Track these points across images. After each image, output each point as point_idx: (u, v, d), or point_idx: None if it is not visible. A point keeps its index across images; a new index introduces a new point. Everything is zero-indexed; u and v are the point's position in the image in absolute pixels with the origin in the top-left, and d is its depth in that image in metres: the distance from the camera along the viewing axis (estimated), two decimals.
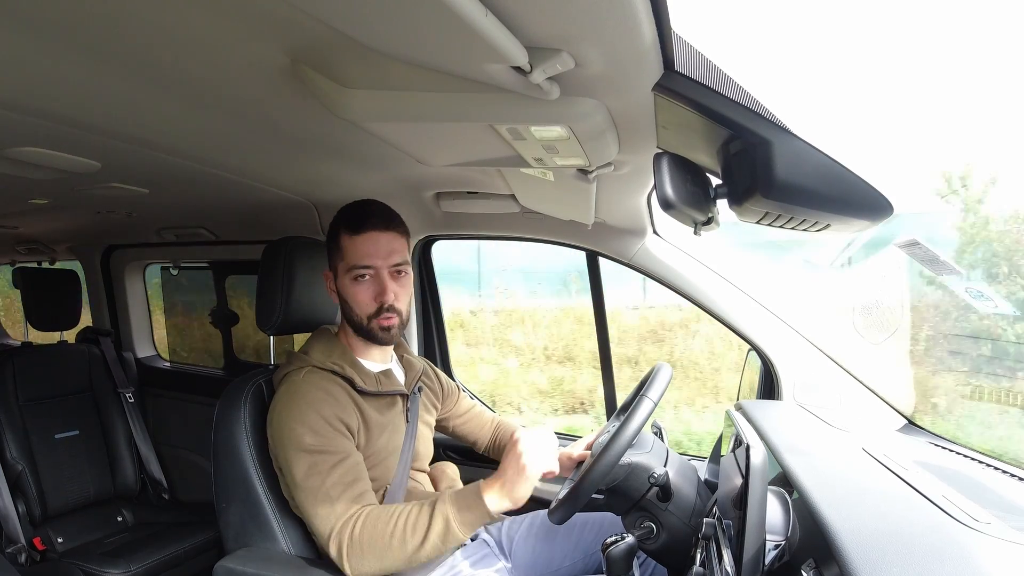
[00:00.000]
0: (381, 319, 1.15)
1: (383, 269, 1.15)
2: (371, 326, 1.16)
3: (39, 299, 2.33)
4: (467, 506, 0.99)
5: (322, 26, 0.59)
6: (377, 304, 1.15)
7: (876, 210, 0.71)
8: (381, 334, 1.16)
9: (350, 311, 1.18)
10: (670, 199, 0.73)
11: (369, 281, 1.15)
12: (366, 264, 1.14)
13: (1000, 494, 0.85)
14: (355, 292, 1.15)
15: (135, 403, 2.28)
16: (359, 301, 1.15)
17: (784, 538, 0.75)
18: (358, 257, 1.14)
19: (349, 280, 1.15)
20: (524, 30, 0.57)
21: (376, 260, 1.14)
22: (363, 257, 1.14)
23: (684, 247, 1.50)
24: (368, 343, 1.21)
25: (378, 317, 1.15)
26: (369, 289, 1.15)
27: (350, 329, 1.21)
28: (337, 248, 1.17)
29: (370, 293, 1.15)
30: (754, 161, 0.67)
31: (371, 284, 1.15)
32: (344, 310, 1.20)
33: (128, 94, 0.81)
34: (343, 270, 1.16)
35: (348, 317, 1.19)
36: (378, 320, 1.15)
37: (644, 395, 1.05)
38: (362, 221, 1.15)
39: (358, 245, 1.14)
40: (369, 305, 1.15)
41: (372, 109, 0.80)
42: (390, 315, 1.16)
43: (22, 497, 1.93)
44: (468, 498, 1.00)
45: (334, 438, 1.07)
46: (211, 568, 1.08)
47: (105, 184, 1.29)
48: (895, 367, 1.45)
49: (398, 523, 0.99)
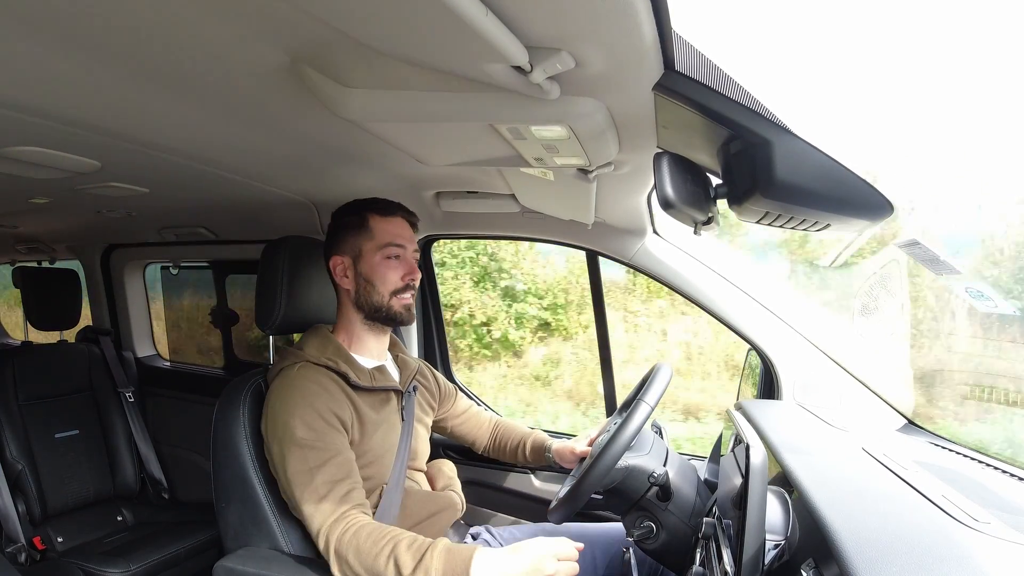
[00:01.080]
0: (403, 297, 1.21)
1: (409, 251, 1.23)
2: (392, 303, 1.20)
3: (39, 298, 2.33)
4: (453, 572, 0.93)
5: (322, 26, 0.59)
6: (405, 282, 1.21)
7: (876, 210, 0.71)
8: (403, 312, 1.22)
9: (373, 290, 1.20)
10: (670, 199, 0.73)
11: (399, 260, 1.21)
12: (400, 243, 1.21)
13: (1000, 494, 0.85)
14: (386, 269, 1.20)
15: (135, 402, 2.28)
16: (388, 278, 1.20)
17: (784, 538, 0.76)
18: (392, 235, 1.21)
19: (380, 258, 1.20)
20: (524, 30, 0.57)
21: (406, 242, 1.22)
22: (396, 236, 1.21)
23: (684, 247, 1.50)
24: (373, 331, 1.23)
25: (400, 294, 1.21)
26: (399, 267, 1.21)
27: (357, 317, 1.22)
28: (364, 229, 1.21)
29: (400, 271, 1.21)
30: (754, 161, 0.67)
31: (401, 264, 1.21)
32: (360, 294, 1.21)
33: (128, 93, 0.81)
34: (372, 248, 1.20)
35: (365, 300, 1.21)
36: (399, 297, 1.21)
37: (641, 399, 1.05)
38: (392, 207, 1.23)
39: (391, 226, 1.21)
40: (397, 282, 1.20)
41: (372, 109, 0.80)
42: (411, 294, 1.22)
43: (22, 496, 1.93)
44: (457, 566, 0.93)
45: (326, 433, 1.07)
46: (211, 568, 1.08)
47: (105, 183, 1.29)
48: (895, 367, 1.45)
49: (383, 552, 0.95)
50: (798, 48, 3.87)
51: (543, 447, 1.41)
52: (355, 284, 1.21)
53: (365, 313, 1.21)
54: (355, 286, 1.21)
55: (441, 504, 1.26)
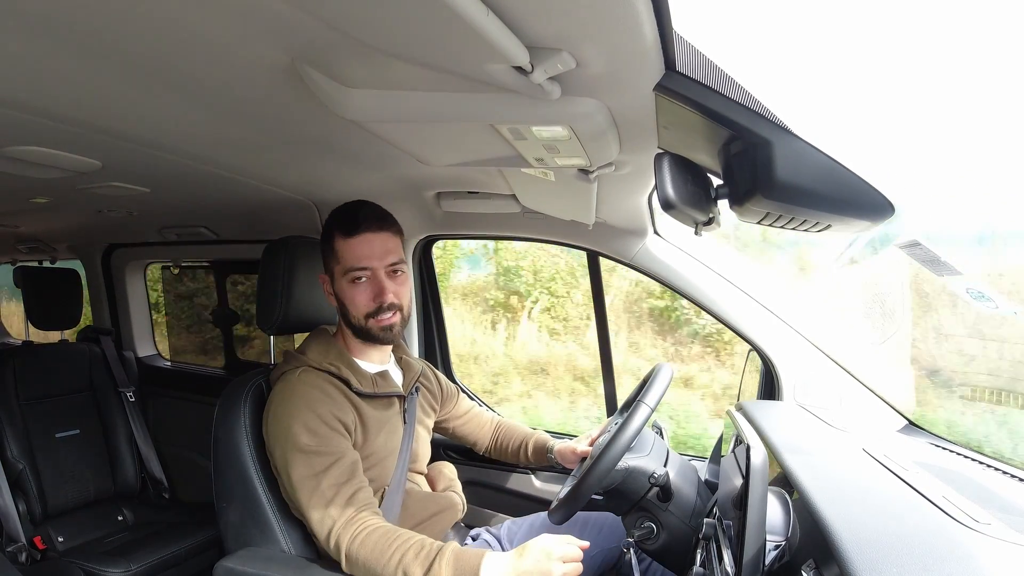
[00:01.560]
0: (380, 319, 1.15)
1: (380, 269, 1.15)
2: (369, 326, 1.15)
3: (40, 298, 2.33)
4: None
5: (323, 25, 0.59)
6: (376, 304, 1.14)
7: (877, 210, 0.71)
8: (381, 334, 1.16)
9: (348, 313, 1.17)
10: (671, 199, 0.73)
11: (366, 283, 1.15)
12: (363, 266, 1.14)
13: (1000, 495, 0.85)
14: (353, 294, 1.15)
15: (136, 402, 2.28)
16: (357, 303, 1.15)
17: (784, 538, 0.75)
18: (354, 259, 1.14)
19: (346, 283, 1.15)
20: (525, 30, 0.57)
21: (372, 261, 1.14)
22: (359, 259, 1.14)
23: (685, 247, 1.50)
24: (367, 344, 1.21)
25: (376, 317, 1.15)
26: (367, 290, 1.15)
27: (348, 331, 1.21)
28: (332, 251, 1.17)
29: (368, 294, 1.15)
30: (755, 161, 0.67)
31: (368, 285, 1.15)
32: (342, 312, 1.20)
33: (129, 93, 0.81)
34: (340, 273, 1.16)
35: (346, 319, 1.19)
36: (377, 320, 1.15)
37: (641, 400, 1.05)
38: (356, 223, 1.14)
39: (353, 247, 1.14)
40: (368, 306, 1.15)
41: (373, 109, 0.80)
42: (390, 314, 1.15)
43: (23, 496, 1.93)
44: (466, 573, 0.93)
45: (330, 438, 1.07)
46: (211, 568, 1.08)
47: (106, 183, 1.29)
48: (895, 367, 1.45)
49: (391, 561, 0.95)
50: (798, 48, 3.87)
51: (545, 447, 1.41)
52: (337, 303, 1.20)
53: (351, 330, 1.20)
54: (338, 304, 1.20)
55: (442, 505, 1.26)
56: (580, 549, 0.96)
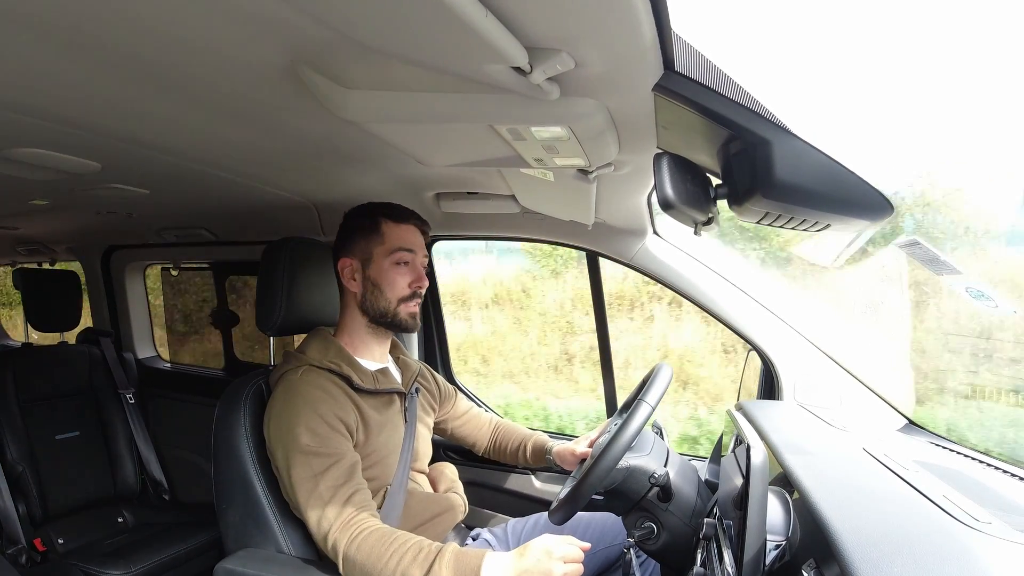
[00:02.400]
0: (410, 304, 1.21)
1: (419, 259, 1.22)
2: (398, 310, 1.20)
3: (40, 300, 2.33)
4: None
5: (322, 26, 0.59)
6: (412, 289, 1.21)
7: (876, 210, 0.71)
8: (409, 319, 1.21)
9: (380, 295, 1.20)
10: (670, 199, 0.73)
11: (408, 267, 1.21)
12: (410, 248, 1.20)
13: (1000, 494, 0.85)
14: (394, 275, 1.19)
15: (135, 404, 2.28)
16: (397, 284, 1.19)
17: (785, 538, 0.75)
18: (403, 241, 1.20)
19: (389, 263, 1.19)
20: (524, 30, 0.57)
21: (416, 249, 1.22)
22: (407, 242, 1.21)
23: (684, 247, 1.50)
24: (375, 336, 1.24)
25: (407, 302, 1.20)
26: (408, 274, 1.21)
27: (361, 320, 1.22)
28: (376, 233, 1.20)
29: (408, 278, 1.21)
30: (754, 161, 0.67)
31: (409, 270, 1.21)
32: (368, 297, 1.21)
33: (128, 95, 0.81)
34: (382, 253, 1.20)
35: (372, 304, 1.20)
36: (407, 305, 1.20)
37: (642, 399, 1.05)
38: (405, 213, 1.23)
39: (403, 232, 1.21)
40: (404, 289, 1.20)
41: (372, 109, 0.80)
42: (417, 302, 1.22)
43: (23, 498, 1.93)
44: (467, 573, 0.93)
45: (331, 438, 1.07)
46: (211, 569, 1.08)
47: (105, 185, 1.29)
48: (895, 367, 1.45)
49: (390, 561, 0.95)
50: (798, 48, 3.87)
51: (543, 449, 1.41)
52: (362, 287, 1.21)
53: (370, 317, 1.21)
54: (362, 289, 1.21)
55: (444, 506, 1.26)
56: (581, 550, 0.96)
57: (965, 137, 2.67)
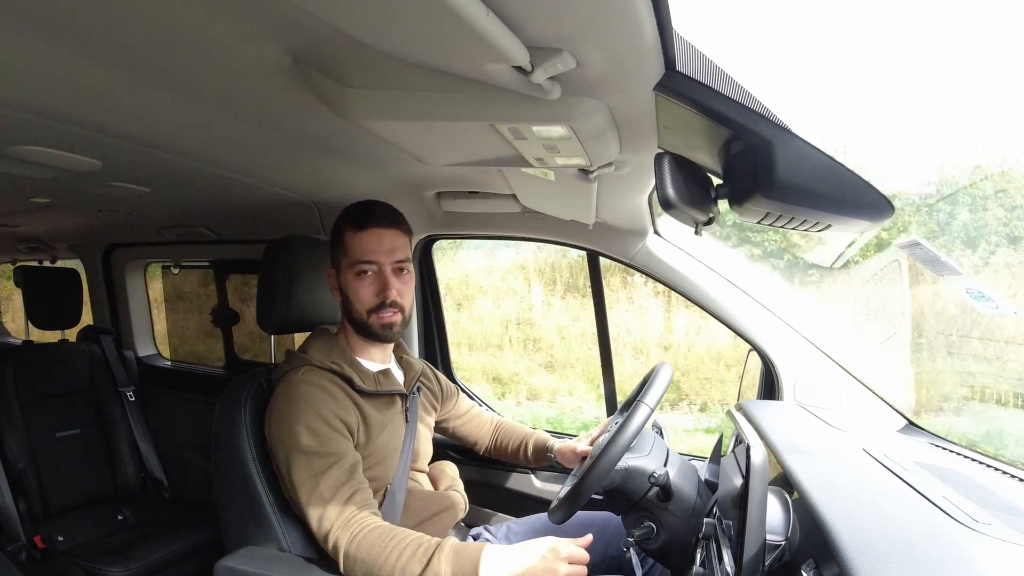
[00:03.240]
0: (382, 315, 1.16)
1: (386, 265, 1.16)
2: (371, 322, 1.17)
3: (40, 298, 2.33)
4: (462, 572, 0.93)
5: (323, 26, 0.59)
6: (379, 300, 1.16)
7: (877, 210, 0.71)
8: (381, 331, 1.17)
9: (351, 307, 1.18)
10: (671, 199, 0.73)
11: (371, 277, 1.16)
12: (369, 259, 1.15)
13: (1000, 495, 0.85)
14: (357, 287, 1.16)
15: (136, 402, 2.28)
16: (361, 296, 1.16)
17: (784, 538, 0.75)
18: (361, 252, 1.15)
19: (352, 275, 1.16)
20: (525, 30, 0.57)
21: (379, 256, 1.16)
22: (366, 252, 1.15)
23: (685, 247, 1.50)
24: (368, 341, 1.22)
25: (378, 312, 1.16)
26: (371, 285, 1.16)
27: (350, 328, 1.21)
28: (340, 244, 1.18)
29: (372, 289, 1.16)
30: (755, 161, 0.67)
31: (373, 280, 1.16)
32: (345, 307, 1.20)
33: (130, 93, 0.81)
34: (346, 265, 1.17)
35: (348, 314, 1.20)
36: (378, 316, 1.16)
37: (641, 400, 1.05)
38: (366, 218, 1.16)
39: (362, 241, 1.16)
40: (370, 300, 1.16)
41: (373, 108, 0.80)
42: (392, 311, 1.17)
43: (23, 495, 1.93)
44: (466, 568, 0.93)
45: (332, 438, 1.07)
46: (211, 567, 1.08)
47: (106, 183, 1.29)
48: (895, 367, 1.45)
49: (389, 557, 0.95)
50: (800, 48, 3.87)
51: (545, 447, 1.41)
52: (341, 297, 1.21)
53: (353, 327, 1.21)
54: (341, 299, 1.21)
55: (444, 504, 1.26)
56: (585, 551, 0.96)
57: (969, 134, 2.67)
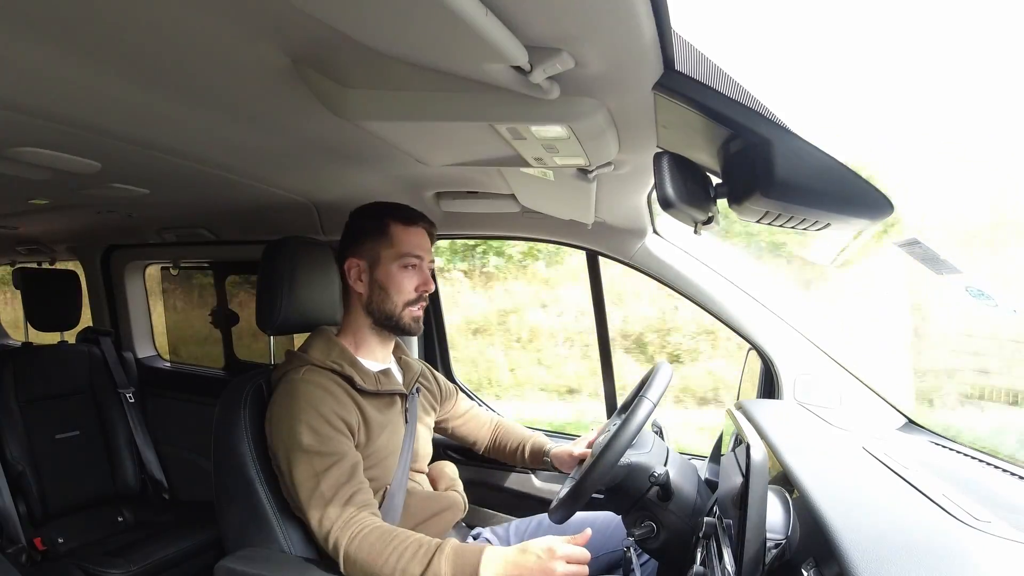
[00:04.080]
0: (416, 309, 1.21)
1: (426, 262, 1.23)
2: (403, 314, 1.20)
3: (39, 299, 2.33)
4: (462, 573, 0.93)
5: (322, 26, 0.59)
6: (418, 293, 1.21)
7: (876, 209, 0.71)
8: (412, 324, 1.22)
9: (386, 298, 1.20)
10: (670, 198, 0.73)
11: (415, 271, 1.21)
12: (418, 254, 1.21)
13: (1001, 493, 0.85)
14: (401, 278, 1.20)
15: (135, 403, 2.28)
16: (404, 288, 1.20)
17: (784, 537, 0.75)
18: (411, 246, 1.20)
19: (397, 267, 1.20)
20: (524, 30, 0.57)
21: (424, 252, 1.22)
22: (415, 247, 1.21)
23: (684, 246, 1.50)
24: (380, 337, 1.24)
25: (414, 305, 1.21)
26: (415, 278, 1.21)
27: (367, 322, 1.23)
28: (384, 236, 1.20)
29: (415, 282, 1.21)
30: (754, 160, 0.67)
31: (416, 274, 1.21)
32: (374, 299, 1.21)
33: (128, 94, 0.81)
34: (390, 256, 1.20)
35: (377, 307, 1.21)
36: (412, 309, 1.21)
37: (643, 396, 1.05)
38: (414, 216, 1.23)
39: (412, 236, 1.21)
40: (411, 293, 1.21)
41: (372, 109, 0.80)
42: (422, 306, 1.23)
43: (23, 497, 1.93)
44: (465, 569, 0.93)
45: (332, 438, 1.07)
46: (211, 568, 1.08)
47: (105, 184, 1.29)
48: (895, 366, 1.45)
49: (390, 558, 0.96)
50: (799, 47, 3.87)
51: (542, 451, 1.41)
52: (368, 289, 1.21)
53: (375, 319, 1.22)
54: (368, 291, 1.22)
55: (443, 504, 1.26)
56: (585, 549, 0.95)
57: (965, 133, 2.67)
